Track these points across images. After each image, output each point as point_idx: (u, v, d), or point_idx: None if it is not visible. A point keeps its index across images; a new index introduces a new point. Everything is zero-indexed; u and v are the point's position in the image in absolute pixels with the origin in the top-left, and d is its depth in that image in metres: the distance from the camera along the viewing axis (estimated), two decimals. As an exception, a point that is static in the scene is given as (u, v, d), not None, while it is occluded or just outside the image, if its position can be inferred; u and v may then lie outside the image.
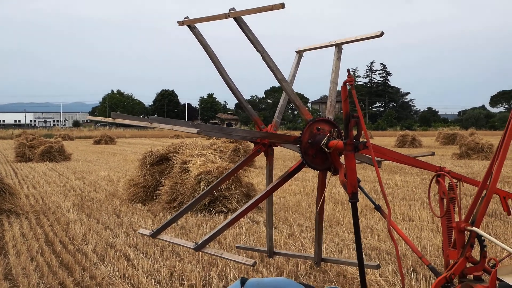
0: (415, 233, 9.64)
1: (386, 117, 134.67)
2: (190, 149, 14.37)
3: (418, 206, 12.51)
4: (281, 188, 16.39)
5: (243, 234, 9.91)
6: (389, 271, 7.10)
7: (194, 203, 4.30)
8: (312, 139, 3.45)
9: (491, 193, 2.83)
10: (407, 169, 22.34)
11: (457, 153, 30.39)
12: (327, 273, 7.28)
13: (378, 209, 3.47)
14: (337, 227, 10.34)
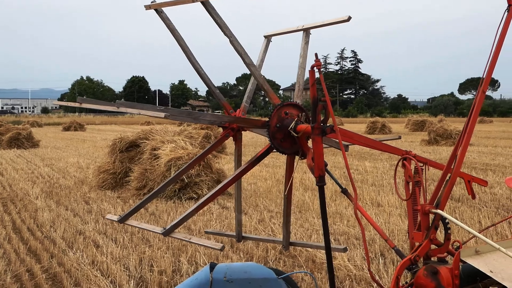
0: (383, 218, 9.76)
1: (357, 104, 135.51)
2: (160, 135, 14.29)
3: (387, 192, 12.65)
4: (252, 174, 16.44)
5: (213, 220, 9.92)
6: (358, 256, 7.19)
7: (162, 188, 4.27)
8: (280, 124, 3.46)
9: (455, 176, 2.87)
10: (376, 155, 22.56)
11: (425, 140, 30.77)
12: (296, 258, 7.33)
13: (345, 192, 3.50)
14: (307, 213, 10.41)
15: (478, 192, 12.46)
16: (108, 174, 14.18)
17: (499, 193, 12.33)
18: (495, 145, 29.02)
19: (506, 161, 20.03)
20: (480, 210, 10.51)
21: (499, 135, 39.31)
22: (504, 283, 2.51)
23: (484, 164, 19.03)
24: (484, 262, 2.65)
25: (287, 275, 4.78)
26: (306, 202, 11.40)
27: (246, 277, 4.51)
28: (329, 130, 3.16)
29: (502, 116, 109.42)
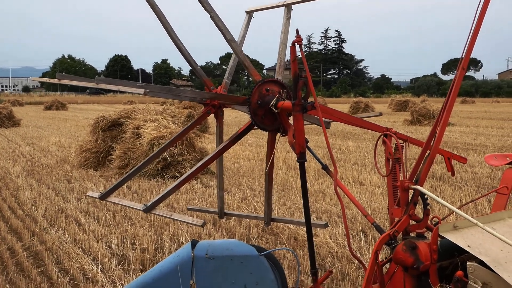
0: (366, 196, 9.83)
1: (340, 84, 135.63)
2: (142, 114, 14.22)
3: (369, 171, 12.73)
4: (235, 153, 16.45)
5: (196, 199, 9.93)
6: (339, 233, 7.24)
7: (143, 165, 4.26)
8: (261, 100, 3.45)
9: (434, 152, 2.88)
10: (359, 135, 22.66)
11: (408, 120, 30.92)
12: (278, 235, 7.37)
13: (325, 169, 3.51)
14: (290, 191, 10.45)
15: (460, 171, 12.58)
16: (90, 153, 14.10)
17: (480, 172, 12.47)
18: (476, 125, 29.25)
19: (487, 140, 20.21)
20: (461, 188, 10.62)
21: (481, 115, 39.62)
22: (481, 257, 2.55)
23: (466, 143, 19.19)
24: (462, 237, 2.68)
25: (269, 252, 4.81)
26: (289, 181, 11.44)
27: (227, 254, 4.53)
28: (310, 107, 3.16)
29: (484, 96, 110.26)
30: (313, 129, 20.24)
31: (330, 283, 5.72)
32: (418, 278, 2.68)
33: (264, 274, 4.67)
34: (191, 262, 4.35)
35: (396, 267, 2.82)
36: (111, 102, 78.78)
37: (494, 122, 31.77)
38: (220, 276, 4.46)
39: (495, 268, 2.48)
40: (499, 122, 31.27)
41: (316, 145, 18.36)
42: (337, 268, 6.10)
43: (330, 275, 4.15)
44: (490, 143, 19.17)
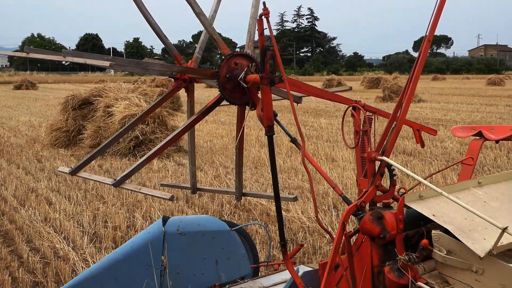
0: (337, 172, 9.92)
1: (313, 62, 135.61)
2: (114, 92, 14.08)
3: (341, 147, 12.82)
4: (208, 132, 16.43)
5: (168, 177, 9.92)
6: (311, 208, 7.31)
7: (114, 140, 4.23)
8: (230, 74, 3.44)
9: (401, 124, 2.91)
10: (331, 112, 22.77)
11: (380, 96, 31.12)
12: (251, 211, 7.41)
13: (294, 141, 3.53)
14: (263, 168, 10.50)
15: (430, 146, 12.76)
16: (61, 132, 13.96)
17: (450, 147, 12.66)
18: (447, 101, 29.59)
19: (457, 116, 20.47)
20: (431, 163, 10.78)
21: (451, 92, 40.06)
22: (445, 225, 2.59)
23: (436, 119, 19.43)
24: (427, 206, 2.72)
25: (240, 227, 4.84)
26: (262, 158, 11.48)
27: (199, 230, 4.55)
28: (278, 80, 3.16)
29: (455, 73, 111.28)
30: (286, 106, 20.20)
31: (301, 257, 5.79)
32: (385, 248, 2.72)
33: (235, 249, 4.71)
34: (163, 238, 4.37)
35: (364, 237, 2.85)
36: (82, 81, 77.74)
37: (464, 98, 32.17)
38: (192, 252, 4.49)
39: (459, 236, 2.52)
40: (469, 98, 31.67)
41: (290, 123, 18.40)
42: (309, 242, 6.16)
43: (301, 249, 4.20)
44: (460, 119, 19.42)
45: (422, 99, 29.51)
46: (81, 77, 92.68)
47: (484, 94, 35.73)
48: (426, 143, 13.05)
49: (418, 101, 28.50)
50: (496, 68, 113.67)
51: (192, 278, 4.44)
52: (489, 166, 10.26)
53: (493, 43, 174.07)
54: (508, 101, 28.80)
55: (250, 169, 10.57)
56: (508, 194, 2.98)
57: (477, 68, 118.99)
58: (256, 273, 4.92)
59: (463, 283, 2.58)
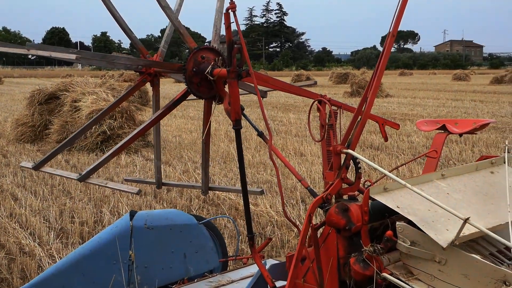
0: (306, 167, 9.97)
1: (282, 57, 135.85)
2: (81, 87, 13.92)
3: (309, 142, 12.89)
4: (177, 127, 16.35)
5: (136, 172, 9.87)
6: (279, 203, 7.33)
7: (79, 134, 4.18)
8: (196, 68, 3.43)
9: (365, 117, 2.95)
10: (300, 107, 22.86)
11: (348, 92, 31.34)
12: (219, 206, 7.42)
13: (261, 135, 3.55)
14: (231, 163, 10.50)
15: (396, 141, 12.91)
16: (27, 127, 13.76)
17: (416, 141, 12.83)
18: (414, 96, 29.96)
19: (423, 111, 20.74)
20: (398, 157, 10.91)
21: (418, 87, 40.55)
22: (409, 217, 2.63)
23: (403, 114, 19.65)
24: (392, 198, 2.76)
25: (208, 220, 4.85)
26: (231, 153, 11.48)
27: (166, 224, 4.55)
28: (245, 74, 3.17)
29: (422, 68, 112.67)
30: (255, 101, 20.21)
31: (270, 251, 5.82)
32: (350, 239, 2.75)
33: (203, 243, 4.72)
34: (130, 232, 4.35)
35: (330, 229, 2.88)
36: (48, 76, 76.57)
37: (431, 93, 32.60)
38: (160, 246, 4.49)
39: (423, 227, 2.57)
40: (435, 93, 32.11)
41: (259, 118, 18.43)
42: (277, 236, 6.20)
43: (269, 243, 4.22)
44: (426, 113, 19.68)
45: (389, 94, 29.83)
46: (47, 71, 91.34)
47: (450, 89, 36.26)
48: (393, 138, 13.22)
49: (385, 96, 28.82)
50: (461, 64, 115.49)
51: (160, 272, 4.43)
52: (454, 159, 10.43)
53: (459, 39, 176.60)
54: (473, 96, 29.30)
55: (219, 163, 10.57)
56: (471, 186, 3.04)
57: (443, 64, 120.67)
58: (224, 267, 4.94)
59: (427, 273, 2.62)
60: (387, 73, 75.34)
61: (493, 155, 3.47)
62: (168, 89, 35.05)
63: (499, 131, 14.44)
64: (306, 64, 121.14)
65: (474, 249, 2.76)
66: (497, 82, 43.27)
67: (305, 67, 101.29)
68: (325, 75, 64.83)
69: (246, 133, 13.69)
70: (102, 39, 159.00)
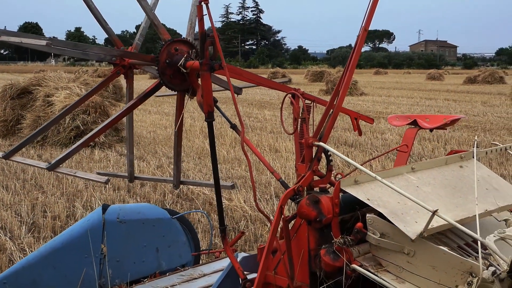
0: (280, 163, 10.01)
1: (258, 55, 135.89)
2: (54, 82, 13.78)
3: (284, 139, 12.93)
4: (152, 122, 16.28)
5: (110, 167, 9.81)
6: (242, 198, 7.37)
7: (49, 125, 4.13)
8: (169, 59, 3.43)
9: (337, 111, 2.97)
10: (276, 104, 22.91)
11: (323, 89, 31.47)
12: (194, 201, 7.41)
13: (234, 128, 3.55)
14: (206, 159, 10.49)
15: (370, 138, 13.02)
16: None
17: (390, 139, 12.95)
18: (388, 94, 30.20)
19: (397, 109, 20.93)
20: (371, 154, 11.01)
21: (392, 86, 40.89)
22: (379, 209, 2.67)
23: (378, 112, 19.81)
24: (362, 191, 2.79)
25: (181, 215, 4.86)
26: (205, 149, 11.47)
27: (139, 218, 4.55)
28: (218, 66, 3.18)
29: (397, 68, 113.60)
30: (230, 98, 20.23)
31: (243, 245, 5.83)
32: (321, 231, 2.77)
33: (176, 237, 4.72)
34: (102, 226, 4.33)
35: (301, 221, 2.90)
36: (21, 71, 75.48)
37: (405, 92, 32.90)
38: (132, 240, 4.48)
39: (392, 219, 2.60)
40: (409, 92, 32.41)
41: (234, 114, 18.42)
42: (250, 230, 6.22)
43: (242, 236, 4.24)
44: (400, 112, 19.86)
45: (364, 93, 30.04)
46: (20, 67, 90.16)
47: (424, 88, 36.63)
48: (367, 135, 13.33)
49: (360, 95, 29.02)
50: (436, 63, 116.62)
51: (132, 266, 4.43)
52: (427, 157, 10.55)
53: (434, 39, 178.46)
54: (447, 95, 29.64)
55: (193, 159, 10.57)
56: (440, 179, 3.09)
57: (418, 63, 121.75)
58: (197, 261, 4.95)
59: (396, 265, 2.66)
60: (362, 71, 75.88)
61: (462, 150, 3.52)
62: (143, 86, 34.63)
63: (471, 130, 14.64)
64: (282, 62, 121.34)
65: (442, 241, 2.80)
66: (470, 82, 43.81)
67: (281, 65, 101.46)
68: (301, 73, 65.02)
69: (221, 129, 13.70)
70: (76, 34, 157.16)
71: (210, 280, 4.27)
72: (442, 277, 2.52)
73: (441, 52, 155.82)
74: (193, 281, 4.43)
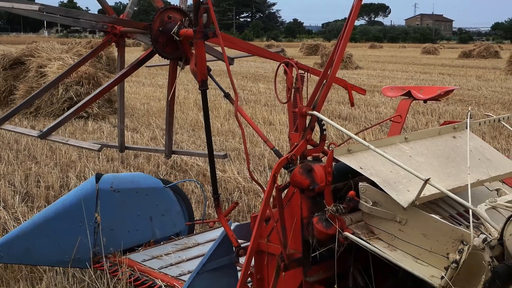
0: (274, 135, 10.03)
1: (253, 28, 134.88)
2: (46, 52, 13.67)
3: (278, 111, 12.92)
4: (145, 94, 16.21)
5: (103, 138, 9.81)
6: (236, 169, 7.39)
7: (39, 93, 4.12)
8: (163, 27, 3.40)
9: (331, 80, 2.97)
10: (270, 78, 22.83)
11: (318, 63, 31.30)
12: (187, 172, 7.43)
13: (227, 96, 3.55)
14: (200, 131, 10.49)
15: (364, 111, 13.02)
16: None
17: (384, 112, 12.96)
18: (383, 68, 30.11)
19: (392, 83, 20.89)
20: (366, 127, 11.00)
21: (387, 60, 40.74)
22: (372, 178, 2.68)
23: (372, 86, 19.76)
24: (355, 160, 2.80)
25: (174, 184, 4.87)
26: (199, 121, 11.44)
27: (133, 187, 4.56)
28: (211, 34, 3.16)
29: (392, 41, 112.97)
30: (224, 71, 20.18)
31: (236, 215, 5.86)
32: (314, 199, 2.79)
33: (170, 206, 4.74)
34: (96, 195, 4.34)
35: (294, 190, 2.91)
36: (14, 42, 74.83)
37: (400, 66, 32.80)
38: (126, 209, 4.50)
39: (385, 187, 2.61)
40: (404, 66, 32.32)
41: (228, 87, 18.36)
42: (244, 201, 6.24)
43: (236, 207, 4.25)
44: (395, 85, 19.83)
45: (359, 66, 29.94)
46: (12, 38, 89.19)
47: (419, 62, 36.52)
48: (361, 109, 13.33)
49: (355, 68, 28.93)
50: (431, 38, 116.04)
51: (126, 235, 4.45)
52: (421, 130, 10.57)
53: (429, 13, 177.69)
54: (441, 69, 29.59)
55: (187, 131, 10.57)
56: (433, 149, 3.10)
57: (413, 37, 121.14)
58: (191, 230, 4.98)
59: (388, 233, 2.68)
60: (357, 45, 75.46)
61: (456, 121, 3.53)
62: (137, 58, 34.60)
63: (465, 104, 14.65)
64: (277, 35, 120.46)
65: (434, 211, 2.82)
66: (465, 56, 43.69)
67: (275, 38, 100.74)
68: (296, 46, 64.62)
69: (215, 101, 13.66)
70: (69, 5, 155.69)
71: (204, 249, 4.30)
72: (433, 245, 2.55)
73: (437, 26, 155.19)
74: (187, 250, 4.47)
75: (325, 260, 2.80)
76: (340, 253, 2.66)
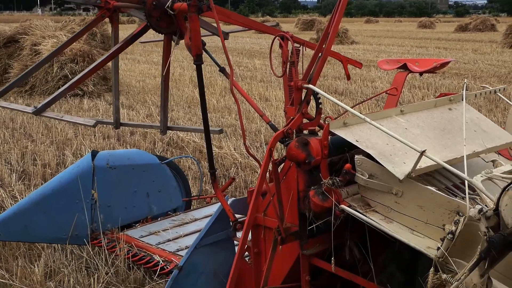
0: (271, 111, 10.02)
1: (248, 3, 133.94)
2: (40, 30, 13.57)
3: (274, 88, 12.89)
4: (141, 72, 16.13)
5: (99, 115, 9.79)
6: (232, 145, 7.40)
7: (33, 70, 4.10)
8: (156, 1, 3.36)
9: (326, 53, 2.95)
10: (266, 53, 22.72)
11: (314, 38, 31.10)
12: (184, 149, 7.42)
13: (223, 71, 3.53)
14: (196, 108, 10.47)
15: (361, 86, 13.00)
16: (-15, 71, 13.44)
17: (380, 87, 12.94)
18: (379, 43, 29.99)
19: (388, 57, 20.69)
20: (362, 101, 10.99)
21: (383, 34, 40.53)
22: (368, 150, 2.67)
23: (368, 60, 19.66)
24: (351, 133, 2.79)
25: (170, 160, 4.87)
26: (195, 98, 11.41)
27: (129, 163, 4.56)
28: (206, 8, 3.13)
29: (388, 16, 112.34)
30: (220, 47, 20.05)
31: (233, 191, 5.88)
32: (310, 173, 2.78)
33: (166, 182, 4.75)
34: (92, 172, 4.34)
35: (290, 164, 2.91)
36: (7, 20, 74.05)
37: (396, 40, 32.66)
38: (122, 185, 4.50)
39: (381, 160, 2.61)
40: (400, 40, 32.19)
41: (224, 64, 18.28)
42: (241, 177, 6.25)
43: (232, 182, 4.26)
44: (391, 60, 19.77)
45: (355, 41, 29.81)
46: (6, 16, 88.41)
47: (415, 37, 36.37)
48: (357, 83, 13.29)
49: (351, 43, 28.82)
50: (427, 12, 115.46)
51: (123, 211, 4.46)
52: (417, 104, 10.56)
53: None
54: (438, 43, 29.48)
55: (183, 108, 10.55)
56: (429, 121, 3.09)
57: (409, 11, 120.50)
58: (188, 206, 4.99)
59: (384, 205, 2.68)
60: (353, 20, 75.10)
61: (452, 93, 3.52)
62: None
63: (462, 77, 14.62)
64: (272, 11, 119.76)
65: (430, 183, 2.82)
66: (461, 30, 43.46)
67: (271, 14, 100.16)
68: (291, 22, 64.18)
69: (211, 78, 13.61)
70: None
71: (201, 224, 4.31)
72: (429, 217, 2.55)
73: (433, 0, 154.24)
74: (184, 226, 4.49)
75: (322, 233, 2.81)
76: (336, 226, 2.66)
